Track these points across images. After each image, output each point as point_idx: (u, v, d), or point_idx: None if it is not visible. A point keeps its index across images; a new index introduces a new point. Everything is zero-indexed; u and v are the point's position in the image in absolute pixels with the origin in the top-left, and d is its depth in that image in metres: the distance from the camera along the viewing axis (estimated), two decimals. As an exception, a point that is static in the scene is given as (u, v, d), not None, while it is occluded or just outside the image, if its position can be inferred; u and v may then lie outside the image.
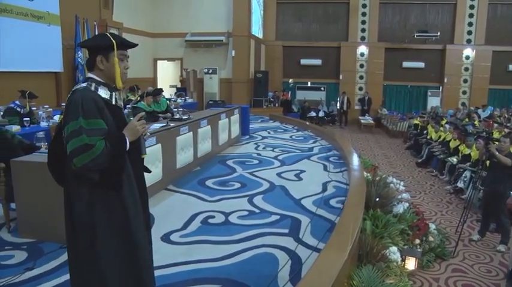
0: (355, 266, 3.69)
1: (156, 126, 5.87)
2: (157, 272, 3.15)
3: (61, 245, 3.49)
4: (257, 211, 4.72)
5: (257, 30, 17.74)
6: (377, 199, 5.18)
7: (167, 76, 17.59)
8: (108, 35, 2.18)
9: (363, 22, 17.87)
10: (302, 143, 9.24)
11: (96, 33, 11.48)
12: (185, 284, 3.03)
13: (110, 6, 12.76)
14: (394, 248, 4.32)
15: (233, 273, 3.19)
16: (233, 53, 15.88)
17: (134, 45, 2.27)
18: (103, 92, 2.17)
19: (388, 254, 4.20)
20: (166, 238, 3.89)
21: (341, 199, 5.05)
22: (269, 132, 10.75)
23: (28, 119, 6.28)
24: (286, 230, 4.09)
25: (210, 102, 15.68)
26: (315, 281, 2.78)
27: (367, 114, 17.39)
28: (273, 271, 3.23)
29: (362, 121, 16.67)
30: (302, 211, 4.67)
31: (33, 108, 7.00)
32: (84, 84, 2.15)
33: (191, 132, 6.45)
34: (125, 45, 2.23)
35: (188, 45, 16.50)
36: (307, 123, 12.44)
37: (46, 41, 9.73)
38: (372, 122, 16.65)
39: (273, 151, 8.24)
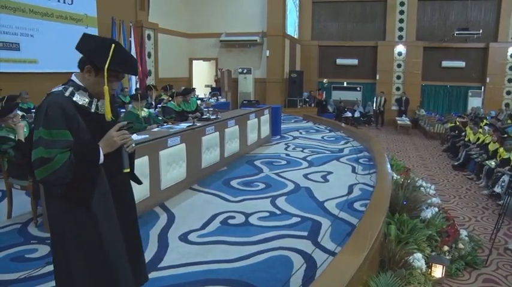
0: (374, 273, 3.58)
1: (183, 126, 5.94)
2: (169, 272, 3.20)
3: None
4: (278, 212, 4.67)
5: (293, 30, 17.67)
6: (404, 203, 5.02)
7: (202, 76, 17.81)
8: (112, 49, 1.92)
9: (401, 21, 17.39)
10: (333, 144, 9.09)
11: (132, 34, 11.78)
12: (195, 285, 3.03)
13: (145, 8, 13.04)
14: (418, 255, 4.16)
15: (245, 275, 3.16)
16: (267, 53, 15.87)
17: (132, 73, 2.09)
18: (80, 98, 1.98)
19: (411, 260, 4.05)
20: (184, 238, 3.91)
21: (366, 202, 4.91)
22: (301, 133, 10.65)
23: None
24: (305, 233, 4.02)
25: (244, 102, 15.75)
26: (325, 286, 2.71)
27: (404, 115, 16.93)
28: (287, 275, 3.18)
29: (399, 122, 16.25)
30: (324, 214, 4.58)
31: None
32: (60, 88, 1.99)
33: (217, 132, 6.46)
34: (121, 71, 2.02)
35: (223, 45, 16.65)
36: (343, 124, 12.18)
37: (84, 43, 10.05)
38: (408, 123, 16.19)
39: (302, 151, 8.16)
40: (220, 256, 3.50)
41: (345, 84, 18.50)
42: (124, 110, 7.55)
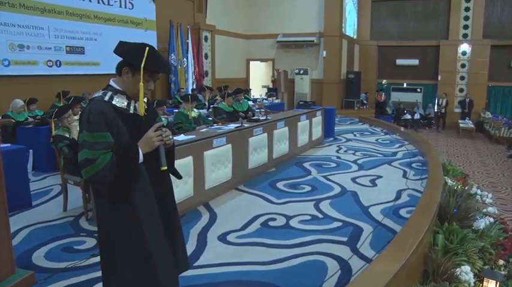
0: (415, 284, 3.44)
1: (231, 126, 6.02)
2: (203, 271, 3.28)
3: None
4: (320, 216, 4.61)
5: (352, 31, 17.38)
6: (455, 211, 4.78)
7: (259, 76, 17.97)
8: (146, 51, 2.05)
9: (466, 18, 16.48)
10: (387, 147, 8.82)
11: (189, 36, 12.11)
12: (227, 285, 3.07)
13: (203, 10, 13.35)
14: (466, 268, 3.93)
15: (277, 278, 3.15)
16: (324, 53, 15.72)
17: (166, 71, 2.22)
18: (119, 101, 2.10)
19: (458, 273, 3.84)
20: (222, 238, 3.97)
21: (412, 209, 4.71)
22: (355, 135, 10.45)
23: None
24: (344, 239, 3.94)
25: (300, 103, 15.70)
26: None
27: (467, 117, 16.04)
28: (319, 281, 3.13)
29: (461, 125, 15.42)
30: (367, 219, 4.46)
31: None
32: (100, 93, 2.13)
33: (266, 134, 6.48)
34: (156, 70, 2.13)
35: (280, 45, 16.71)
36: (402, 128, 11.60)
37: (143, 45, 10.50)
38: (472, 126, 15.30)
39: (354, 154, 8.00)
40: (255, 258, 3.52)
41: (405, 85, 17.87)
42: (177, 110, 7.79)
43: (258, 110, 8.56)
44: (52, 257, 3.55)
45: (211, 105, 8.87)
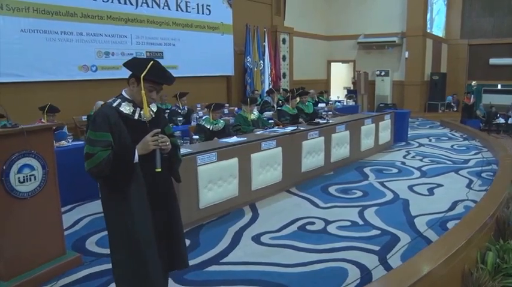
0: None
1: (287, 129, 6.16)
2: (227, 267, 3.51)
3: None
4: (361, 223, 4.57)
5: (440, 30, 16.48)
6: (514, 227, 4.46)
7: (340, 78, 17.80)
8: (149, 64, 2.33)
9: None
10: (460, 154, 8.31)
11: (266, 39, 12.39)
12: (243, 283, 3.22)
13: (281, 13, 13.53)
14: (516, 292, 3.67)
15: (294, 282, 3.22)
16: (407, 54, 15.15)
17: (167, 83, 2.42)
18: (126, 108, 2.40)
19: (506, 296, 3.60)
20: (256, 238, 4.12)
21: (462, 222, 4.49)
22: (430, 140, 9.99)
23: (181, 118, 7.26)
24: (377, 248, 3.88)
25: (380, 105, 15.30)
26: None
27: None
28: (335, 287, 3.17)
29: None
30: (408, 230, 4.32)
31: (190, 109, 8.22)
32: (111, 100, 2.45)
33: (322, 137, 6.50)
34: (154, 80, 2.37)
35: (361, 46, 16.45)
36: (493, 135, 10.74)
37: (219, 48, 11.00)
38: None
39: (421, 160, 7.69)
40: (280, 260, 3.62)
41: (499, 87, 16.48)
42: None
43: (324, 113, 8.54)
44: (101, 243, 3.97)
45: (278, 108, 9.01)
